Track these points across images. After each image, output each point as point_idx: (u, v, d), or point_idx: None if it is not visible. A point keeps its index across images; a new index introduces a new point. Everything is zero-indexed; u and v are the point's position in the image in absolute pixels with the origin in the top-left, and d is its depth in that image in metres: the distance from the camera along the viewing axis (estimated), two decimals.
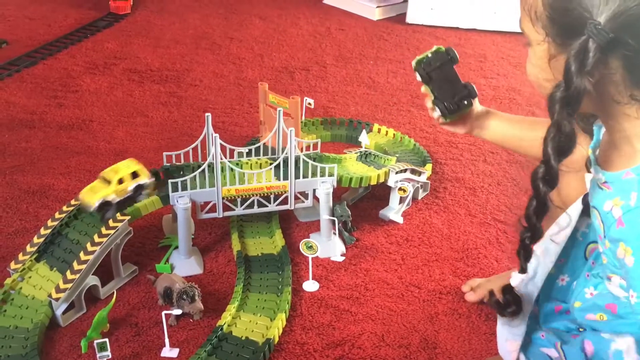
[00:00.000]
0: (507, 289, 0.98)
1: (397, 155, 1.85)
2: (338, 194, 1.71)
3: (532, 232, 0.86)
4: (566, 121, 0.77)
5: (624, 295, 0.92)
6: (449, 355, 1.26)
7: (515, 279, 0.97)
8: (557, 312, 1.07)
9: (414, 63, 1.08)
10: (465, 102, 1.08)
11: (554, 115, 0.78)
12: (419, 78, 1.09)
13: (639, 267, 0.79)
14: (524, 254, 0.90)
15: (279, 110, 1.54)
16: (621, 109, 0.80)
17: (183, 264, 1.47)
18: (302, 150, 1.55)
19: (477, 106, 1.14)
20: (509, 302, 0.98)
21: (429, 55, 1.07)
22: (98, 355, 1.17)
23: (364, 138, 1.84)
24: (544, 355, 1.00)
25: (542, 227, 0.86)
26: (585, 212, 0.99)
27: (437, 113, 1.10)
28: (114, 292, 1.34)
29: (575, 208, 1.00)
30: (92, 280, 1.34)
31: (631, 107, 0.80)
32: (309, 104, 2.02)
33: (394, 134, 2.01)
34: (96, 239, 1.33)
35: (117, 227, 1.35)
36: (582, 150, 1.01)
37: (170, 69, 2.50)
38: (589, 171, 0.97)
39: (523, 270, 0.93)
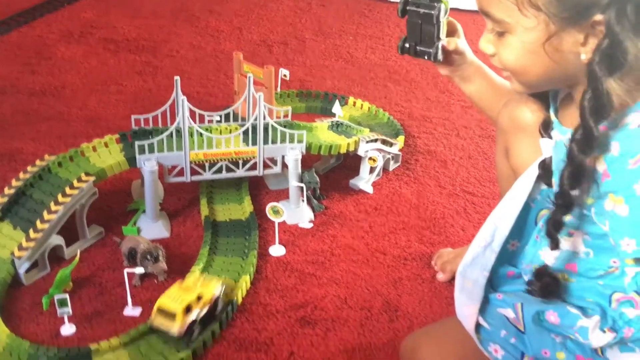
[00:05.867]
0: (543, 271, 0.95)
1: (369, 128, 1.85)
2: (309, 163, 1.71)
3: (566, 206, 0.85)
4: (608, 83, 0.77)
5: (584, 251, 0.93)
6: (409, 317, 1.27)
7: (550, 258, 0.95)
8: (509, 277, 1.07)
9: None
10: (425, 57, 1.06)
11: (597, 81, 0.77)
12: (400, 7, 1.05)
13: (634, 213, 0.79)
14: (556, 228, 0.88)
15: (249, 76, 1.54)
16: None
17: (150, 227, 1.47)
18: (273, 119, 1.55)
19: (470, 56, 1.12)
20: (548, 284, 0.94)
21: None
22: (58, 311, 1.17)
23: (337, 109, 1.84)
24: (500, 316, 1.01)
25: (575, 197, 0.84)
26: (541, 178, 1.00)
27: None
28: (77, 252, 1.34)
29: (530, 175, 1.00)
30: (56, 240, 1.34)
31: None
32: (284, 75, 2.02)
33: (368, 107, 2.01)
34: (60, 198, 1.32)
35: (81, 187, 1.34)
36: (533, 116, 1.02)
37: (147, 39, 2.48)
38: (543, 136, 0.98)
39: (556, 245, 0.91)
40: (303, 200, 1.55)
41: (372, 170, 1.69)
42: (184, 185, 1.59)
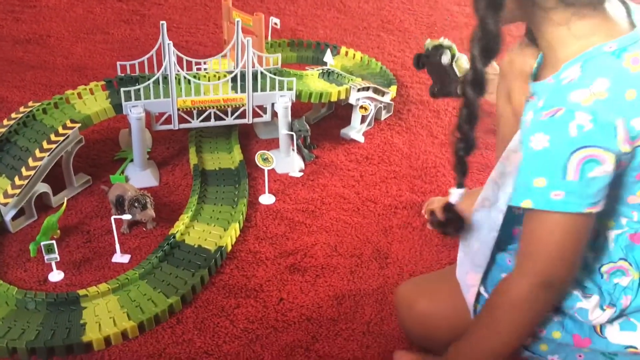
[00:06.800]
0: (448, 207, 0.94)
1: (362, 78, 1.82)
2: (300, 113, 1.69)
3: (466, 142, 0.84)
4: (491, 20, 0.75)
5: None
6: (399, 264, 1.27)
7: (455, 196, 0.92)
8: (515, 235, 1.05)
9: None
10: (451, 97, 1.22)
11: (480, 15, 0.75)
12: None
13: (522, 165, 0.77)
14: (460, 168, 0.87)
15: (237, 21, 1.49)
16: (546, 15, 0.78)
17: (138, 176, 1.45)
18: (262, 66, 1.52)
19: (494, 73, 1.15)
20: (450, 220, 0.94)
21: (429, 48, 1.26)
22: (46, 257, 1.16)
23: (329, 57, 1.80)
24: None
25: (476, 138, 0.83)
26: None
27: None
28: (64, 200, 1.33)
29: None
30: (43, 187, 1.32)
31: (556, 13, 0.78)
32: (275, 24, 1.96)
33: (361, 57, 1.97)
34: (45, 145, 1.30)
35: (66, 134, 1.32)
36: (529, 62, 1.00)
37: None
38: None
39: (460, 185, 0.90)
40: (293, 149, 1.53)
41: (363, 119, 1.67)
42: (172, 133, 1.57)
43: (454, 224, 0.94)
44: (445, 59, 1.22)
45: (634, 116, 0.73)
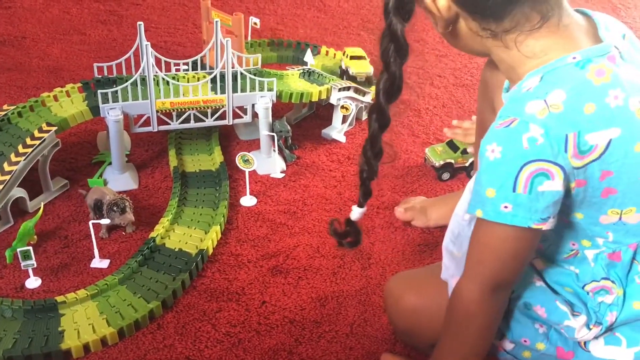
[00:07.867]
0: (349, 221, 1.00)
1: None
2: (281, 113, 1.68)
3: (369, 169, 0.91)
4: (395, 66, 0.80)
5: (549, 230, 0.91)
6: (382, 265, 1.27)
7: (355, 213, 0.99)
8: None
9: None
10: None
11: (386, 61, 0.80)
12: None
13: (477, 175, 0.77)
14: (363, 190, 0.95)
15: (216, 22, 1.48)
16: (488, 42, 0.79)
17: (117, 179, 1.43)
18: (242, 67, 1.51)
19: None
20: (347, 233, 1.01)
21: None
22: (22, 264, 1.14)
23: (309, 57, 1.80)
24: None
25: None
26: None
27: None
28: (41, 204, 1.30)
29: None
30: (19, 192, 1.29)
31: (497, 39, 0.78)
32: (255, 23, 1.95)
33: (341, 57, 1.96)
34: (20, 149, 1.27)
35: (43, 137, 1.29)
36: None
37: None
38: None
39: (360, 204, 0.97)
40: (274, 150, 1.52)
41: (344, 119, 1.66)
42: (151, 136, 1.55)
43: (351, 237, 1.01)
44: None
45: (589, 130, 0.72)
